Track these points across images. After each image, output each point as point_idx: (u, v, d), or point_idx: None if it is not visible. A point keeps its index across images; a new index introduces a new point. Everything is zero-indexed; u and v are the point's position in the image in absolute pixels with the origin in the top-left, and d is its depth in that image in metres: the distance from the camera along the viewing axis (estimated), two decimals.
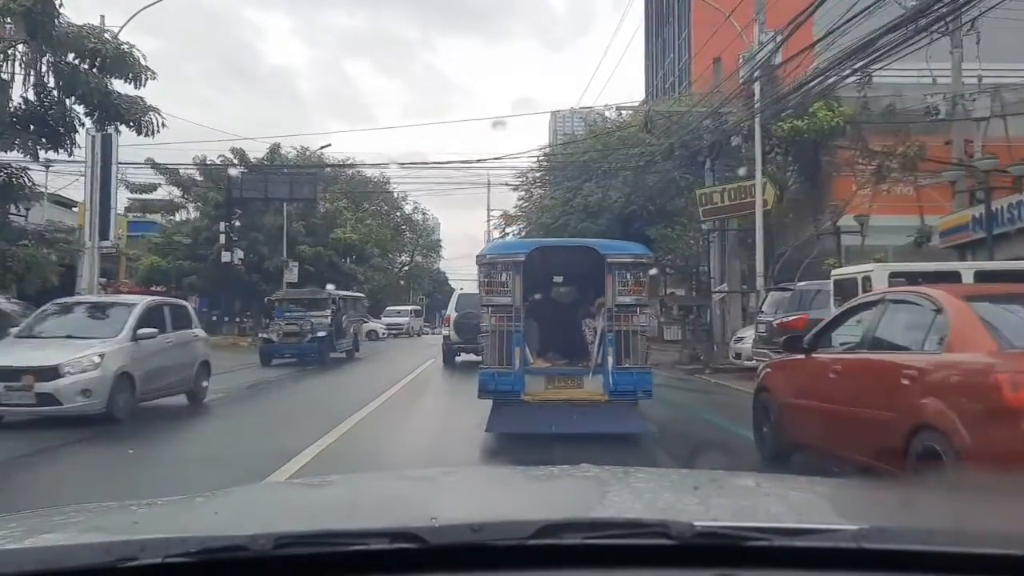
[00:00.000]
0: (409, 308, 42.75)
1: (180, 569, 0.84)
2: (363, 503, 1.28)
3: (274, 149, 25.35)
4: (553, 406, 5.70)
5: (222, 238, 21.82)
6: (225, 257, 21.49)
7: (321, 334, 14.49)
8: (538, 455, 4.42)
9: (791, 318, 9.36)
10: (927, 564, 0.87)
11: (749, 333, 11.61)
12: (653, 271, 9.25)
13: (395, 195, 53.84)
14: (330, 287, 17.39)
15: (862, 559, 0.88)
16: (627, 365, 5.72)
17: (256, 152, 25.13)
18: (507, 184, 26.78)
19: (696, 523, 0.90)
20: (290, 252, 24.18)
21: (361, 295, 20.03)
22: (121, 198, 26.02)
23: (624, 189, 20.69)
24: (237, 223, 23.50)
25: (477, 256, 6.45)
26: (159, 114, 11.55)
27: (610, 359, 5.70)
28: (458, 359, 13.22)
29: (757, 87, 12.97)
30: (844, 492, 1.46)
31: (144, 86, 11.41)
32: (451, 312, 14.50)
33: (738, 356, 11.85)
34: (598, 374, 5.78)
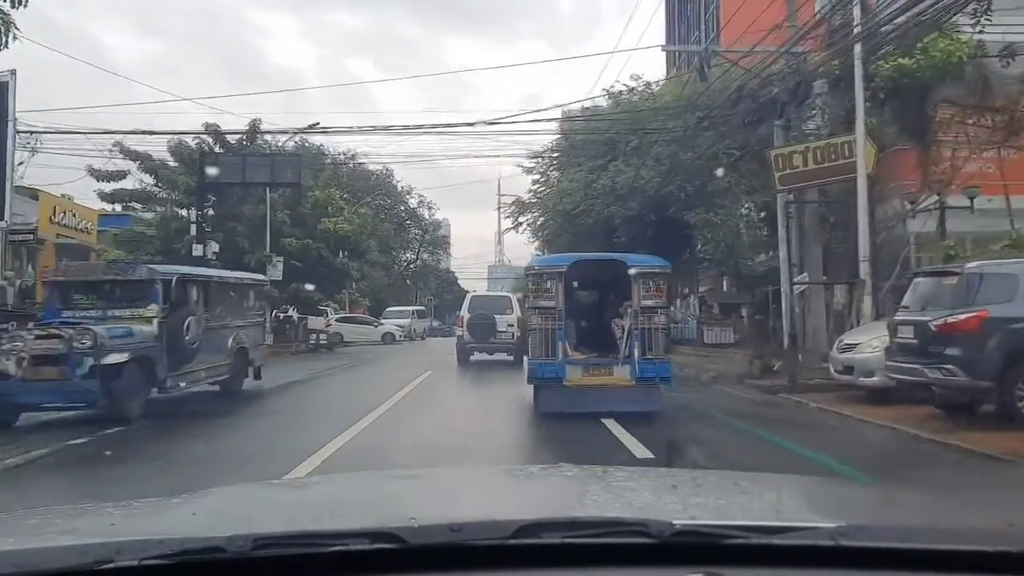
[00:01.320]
0: (412, 309, 43.43)
1: (157, 571, 0.98)
2: (343, 503, 1.46)
3: (254, 126, 25.14)
4: (589, 390, 8.14)
5: (193, 228, 21.79)
6: (197, 250, 21.25)
7: (118, 359, 7.99)
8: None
9: (961, 317, 7.29)
10: (904, 561, 1.02)
11: (864, 338, 9.54)
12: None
13: (399, 188, 56.42)
14: (263, 277, 14.90)
15: (840, 556, 1.02)
16: (650, 356, 8.11)
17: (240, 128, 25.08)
18: (520, 167, 26.95)
19: (675, 522, 1.05)
20: (274, 245, 24.41)
21: (262, 279, 14.18)
22: (86, 188, 26.52)
23: (658, 168, 20.43)
24: (211, 211, 23.58)
25: (526, 267, 9.87)
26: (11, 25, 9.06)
27: (636, 351, 8.09)
28: (472, 358, 17.13)
29: (856, 6, 11.05)
30: (823, 490, 1.66)
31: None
32: (464, 313, 17.99)
33: (847, 370, 9.57)
34: (626, 364, 8.15)
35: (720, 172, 18.49)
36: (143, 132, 21.44)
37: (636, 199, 20.80)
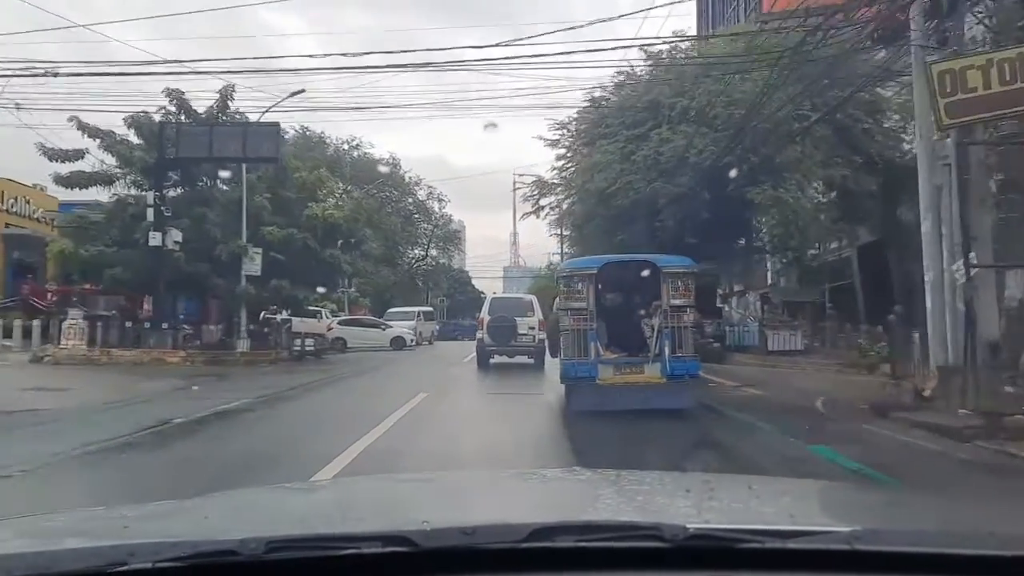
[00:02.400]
0: (418, 310, 44.32)
1: (170, 574, 1.21)
2: (354, 507, 1.73)
3: (225, 94, 25.23)
4: (621, 388, 9.97)
5: (150, 213, 22.01)
6: (154, 239, 21.65)
7: None
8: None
9: None
10: (919, 565, 1.23)
11: None
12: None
13: (406, 179, 60.39)
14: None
15: (855, 561, 1.23)
16: (680, 354, 9.90)
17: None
18: (541, 139, 27.02)
19: (689, 525, 1.27)
20: (252, 235, 24.71)
21: None
22: (39, 170, 26.88)
23: (714, 135, 20.37)
24: (172, 193, 23.78)
25: (557, 269, 11.98)
26: None
27: (667, 349, 9.87)
28: (492, 360, 19.79)
29: None
30: (836, 494, 1.94)
31: None
32: (484, 315, 20.62)
33: None
34: (656, 362, 9.97)
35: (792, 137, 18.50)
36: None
37: (686, 173, 20.74)
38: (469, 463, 7.90)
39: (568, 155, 26.83)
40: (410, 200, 61.84)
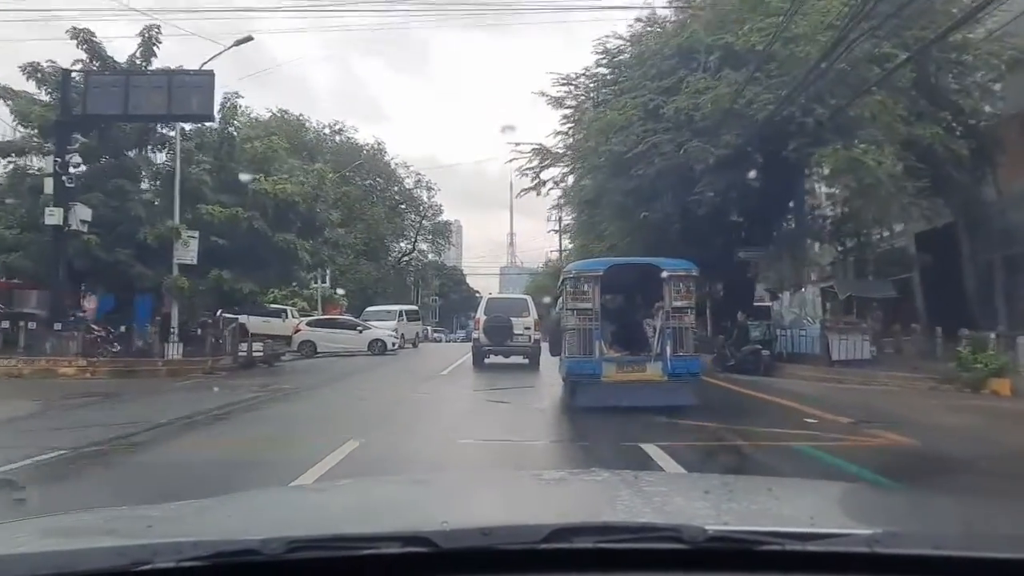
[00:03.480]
0: (400, 308, 46.86)
1: (193, 573, 1.58)
2: (374, 507, 2.19)
3: (149, 36, 24.57)
4: (624, 385, 12.87)
5: (48, 184, 22.03)
6: (51, 217, 21.54)
7: None
8: None
9: None
10: (939, 568, 1.59)
11: None
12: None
13: (392, 165, 66.20)
14: None
15: (875, 563, 1.60)
16: (681, 353, 12.92)
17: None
18: (543, 94, 27.12)
19: (708, 527, 1.64)
20: (187, 214, 24.97)
21: None
22: None
23: (767, 81, 20.22)
24: (79, 160, 23.46)
25: (563, 271, 14.68)
26: None
27: (668, 349, 12.87)
28: (487, 360, 24.59)
29: None
30: (856, 496, 2.43)
31: None
32: (481, 316, 25.98)
33: None
34: (658, 361, 12.99)
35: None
36: None
37: (730, 130, 20.87)
38: None
39: (576, 116, 27.18)
40: (396, 189, 66.77)
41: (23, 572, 1.58)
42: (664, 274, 13.41)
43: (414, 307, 55.28)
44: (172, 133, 25.72)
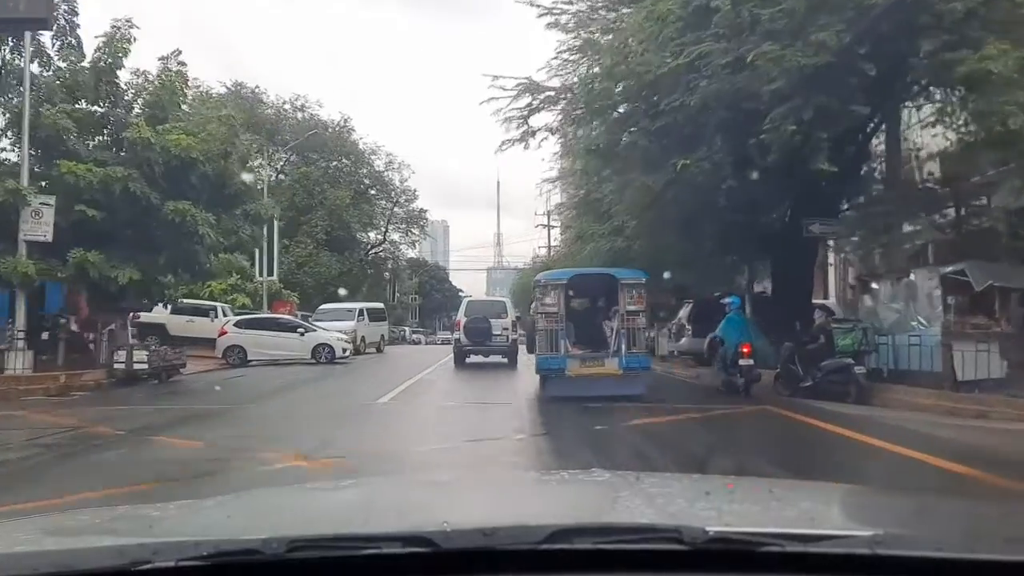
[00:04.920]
0: (359, 306, 50.20)
1: (194, 573, 2.16)
2: (375, 507, 2.90)
3: None
4: (585, 378, 21.32)
5: None
6: None
7: None
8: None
9: None
10: (940, 570, 2.17)
11: None
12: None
13: (360, 145, 75.02)
14: None
15: (876, 565, 2.18)
16: (634, 351, 21.39)
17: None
18: (532, 4, 26.98)
19: (709, 529, 2.25)
20: (42, 174, 25.19)
21: None
22: None
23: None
24: None
25: (534, 280, 24.94)
26: None
27: (623, 347, 21.29)
28: (468, 360, 35.24)
29: None
30: (857, 498, 3.21)
31: None
32: (461, 317, 37.06)
33: None
34: (614, 357, 21.39)
35: None
36: None
37: (829, 22, 17.52)
38: None
39: (580, 35, 27.12)
40: (364, 171, 75.05)
41: (23, 571, 2.11)
42: (620, 282, 21.88)
43: (378, 305, 58.88)
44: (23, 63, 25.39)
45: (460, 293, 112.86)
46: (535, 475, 5.27)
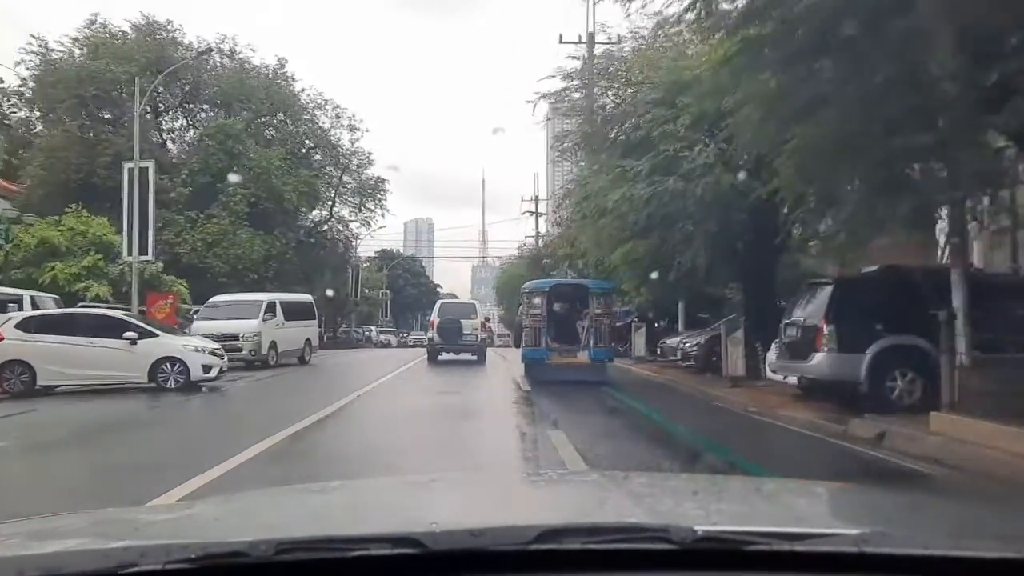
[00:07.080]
0: (266, 299, 39.87)
1: None
2: (363, 508, 2.93)
3: None
4: (562, 366, 30.59)
5: None
6: None
7: None
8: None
9: None
10: (927, 568, 2.22)
11: None
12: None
13: (303, 98, 65.30)
14: None
15: (863, 563, 2.22)
16: (600, 346, 31.09)
17: None
18: None
19: (697, 527, 2.28)
20: None
21: None
22: None
23: None
24: None
25: (522, 288, 36.03)
26: None
27: (592, 342, 31.04)
28: (440, 357, 40.80)
29: None
30: (845, 496, 3.25)
31: None
32: (435, 318, 41.90)
33: None
34: (584, 350, 31.01)
35: None
36: None
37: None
38: None
39: None
40: (304, 129, 65.46)
41: (8, 574, 2.12)
42: (590, 290, 30.98)
43: (302, 297, 45.70)
44: None
45: (438, 289, 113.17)
46: (524, 475, 5.52)
